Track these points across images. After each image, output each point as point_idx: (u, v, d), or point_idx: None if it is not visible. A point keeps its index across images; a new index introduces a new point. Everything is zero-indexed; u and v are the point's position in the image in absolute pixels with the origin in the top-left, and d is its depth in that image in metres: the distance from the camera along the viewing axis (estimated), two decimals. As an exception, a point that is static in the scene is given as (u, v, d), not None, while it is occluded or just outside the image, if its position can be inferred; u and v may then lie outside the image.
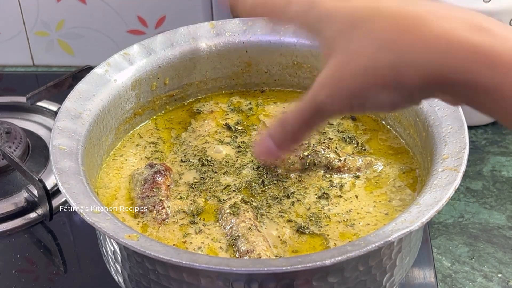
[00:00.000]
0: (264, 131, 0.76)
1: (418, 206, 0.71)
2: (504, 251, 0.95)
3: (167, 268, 0.71)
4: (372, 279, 0.73)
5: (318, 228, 0.79)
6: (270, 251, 0.76)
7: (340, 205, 0.82)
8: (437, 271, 0.92)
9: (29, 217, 1.00)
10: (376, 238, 0.67)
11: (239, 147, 0.91)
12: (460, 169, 0.74)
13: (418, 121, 0.85)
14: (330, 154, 0.86)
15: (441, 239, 0.97)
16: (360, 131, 0.93)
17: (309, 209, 0.81)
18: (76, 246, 0.98)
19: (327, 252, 0.67)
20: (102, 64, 0.91)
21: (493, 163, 1.09)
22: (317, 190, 0.84)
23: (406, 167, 0.87)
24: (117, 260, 0.77)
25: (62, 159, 0.78)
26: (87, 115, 0.85)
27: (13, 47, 1.33)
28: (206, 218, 0.81)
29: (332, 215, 0.81)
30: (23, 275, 0.93)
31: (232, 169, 0.88)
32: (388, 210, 0.81)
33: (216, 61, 0.98)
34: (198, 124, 0.95)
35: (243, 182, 0.86)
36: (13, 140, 1.07)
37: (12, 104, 1.20)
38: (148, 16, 1.28)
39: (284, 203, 0.83)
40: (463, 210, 1.01)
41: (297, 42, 0.96)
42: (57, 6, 1.28)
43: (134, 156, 0.91)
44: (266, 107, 0.98)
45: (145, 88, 0.94)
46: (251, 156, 0.89)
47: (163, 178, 0.84)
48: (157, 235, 0.79)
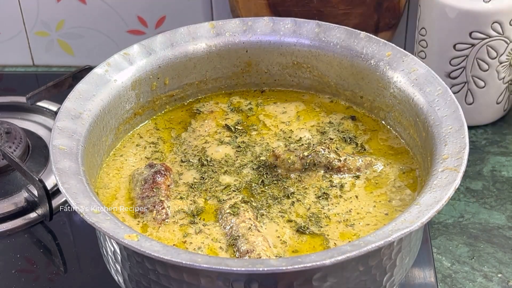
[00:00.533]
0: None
1: (418, 206, 0.71)
2: (504, 251, 0.95)
3: (167, 268, 0.71)
4: (372, 279, 0.73)
5: (318, 228, 0.79)
6: (270, 251, 0.76)
7: (340, 205, 0.82)
8: (437, 271, 0.92)
9: (29, 217, 1.00)
10: (376, 238, 0.67)
11: (239, 147, 0.91)
12: (460, 169, 0.74)
13: (418, 121, 0.85)
14: (330, 154, 0.86)
15: (441, 239, 0.97)
16: (360, 131, 0.93)
17: (309, 209, 0.82)
18: (76, 246, 0.98)
19: (327, 252, 0.67)
20: (102, 64, 0.91)
21: (493, 163, 1.09)
22: (317, 190, 0.84)
23: (406, 167, 0.87)
24: (117, 260, 0.77)
25: (62, 159, 0.78)
26: (87, 115, 0.85)
27: (13, 47, 1.33)
28: (206, 218, 0.81)
29: (332, 215, 0.81)
30: (23, 275, 0.93)
31: (232, 168, 0.88)
32: (388, 210, 0.81)
33: (216, 61, 0.98)
34: (198, 124, 0.95)
35: (243, 182, 0.86)
36: (13, 140, 1.07)
37: (12, 104, 1.20)
38: (148, 16, 1.28)
39: (284, 203, 0.83)
40: (463, 210, 1.01)
41: (297, 42, 0.96)
42: (57, 6, 1.28)
43: (134, 156, 0.91)
44: (266, 107, 0.98)
45: (145, 88, 0.94)
46: (251, 156, 0.89)
47: (163, 178, 0.84)
48: (157, 235, 0.79)
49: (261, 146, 0.91)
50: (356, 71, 0.94)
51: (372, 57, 0.92)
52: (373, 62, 0.92)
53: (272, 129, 0.94)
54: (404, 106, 0.88)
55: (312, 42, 0.96)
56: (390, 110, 0.92)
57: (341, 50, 0.94)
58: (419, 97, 0.85)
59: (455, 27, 1.05)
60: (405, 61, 0.89)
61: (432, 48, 1.10)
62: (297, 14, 1.17)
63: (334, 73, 0.96)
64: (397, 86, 0.89)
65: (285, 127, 0.94)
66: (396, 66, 0.90)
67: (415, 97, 0.86)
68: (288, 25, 0.97)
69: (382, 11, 1.17)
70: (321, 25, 0.96)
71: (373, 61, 0.92)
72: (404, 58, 0.90)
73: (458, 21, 1.04)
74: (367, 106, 0.95)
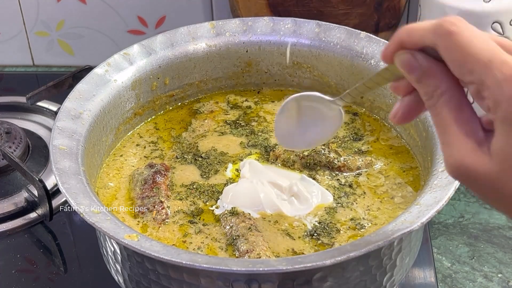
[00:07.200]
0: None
1: (418, 206, 0.71)
2: (504, 251, 0.95)
3: (167, 268, 0.71)
4: (372, 279, 0.73)
5: (329, 239, 0.79)
6: (270, 251, 0.76)
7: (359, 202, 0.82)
8: (437, 271, 0.92)
9: (29, 217, 1.00)
10: (376, 238, 0.67)
11: (241, 143, 0.91)
12: (460, 169, 0.74)
13: (418, 121, 0.85)
14: (331, 153, 0.86)
15: (441, 239, 0.97)
16: (362, 131, 0.93)
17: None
18: (76, 246, 0.98)
19: (327, 252, 0.67)
20: (102, 64, 0.91)
21: (493, 163, 1.08)
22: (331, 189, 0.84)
23: (407, 166, 0.87)
24: (117, 260, 0.77)
25: (62, 159, 0.78)
26: (87, 115, 0.85)
27: (13, 47, 1.33)
28: (206, 218, 0.81)
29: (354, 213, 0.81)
30: (23, 275, 0.93)
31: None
32: (392, 207, 0.81)
33: (216, 61, 0.98)
34: (198, 124, 0.95)
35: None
36: (13, 140, 1.07)
37: (12, 104, 1.20)
38: (148, 16, 1.28)
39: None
40: (463, 210, 1.01)
41: (297, 42, 0.96)
42: (57, 6, 1.28)
43: (134, 156, 0.91)
44: (265, 105, 0.98)
45: (145, 88, 0.94)
46: (256, 153, 0.89)
47: (163, 178, 0.84)
48: (157, 235, 0.79)
49: (267, 134, 0.92)
50: (356, 71, 0.93)
51: (372, 57, 0.92)
52: (373, 62, 0.92)
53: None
54: (404, 106, 0.88)
55: (312, 42, 0.96)
56: (390, 110, 0.91)
57: (341, 50, 0.94)
58: (419, 97, 0.85)
59: (455, 27, 1.05)
60: (405, 61, 0.89)
61: (432, 48, 1.09)
62: (297, 14, 1.16)
63: (334, 73, 0.96)
64: (397, 86, 0.89)
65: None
66: (396, 66, 0.89)
67: (415, 97, 0.86)
68: (288, 25, 0.97)
69: (382, 11, 1.17)
70: (321, 25, 0.96)
71: (373, 61, 0.92)
72: (404, 58, 0.90)
73: (458, 21, 1.04)
74: (367, 106, 0.95)
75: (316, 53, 0.96)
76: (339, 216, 0.80)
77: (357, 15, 1.17)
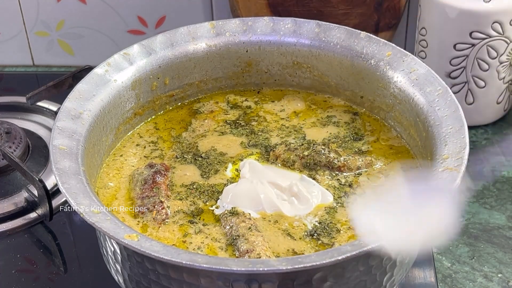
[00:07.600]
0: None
1: (418, 206, 0.71)
2: (504, 251, 0.95)
3: (167, 268, 0.71)
4: (372, 279, 0.73)
5: (329, 239, 0.79)
6: (270, 251, 0.76)
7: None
8: (437, 271, 0.92)
9: (29, 217, 1.00)
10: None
11: (241, 143, 0.91)
12: (460, 169, 0.74)
13: (418, 121, 0.85)
14: (331, 153, 0.86)
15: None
16: (362, 131, 0.93)
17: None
18: (76, 246, 0.98)
19: (327, 252, 0.67)
20: (102, 64, 0.91)
21: (493, 163, 1.08)
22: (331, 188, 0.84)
23: (407, 166, 0.87)
24: (117, 260, 0.77)
25: (62, 159, 0.78)
26: (87, 115, 0.85)
27: (13, 47, 1.33)
28: (206, 218, 0.81)
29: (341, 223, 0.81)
30: (23, 275, 0.93)
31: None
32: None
33: (216, 61, 0.98)
34: (198, 124, 0.95)
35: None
36: (13, 140, 1.07)
37: (12, 104, 1.20)
38: (148, 16, 1.28)
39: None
40: (463, 210, 1.01)
41: (297, 42, 0.96)
42: (57, 6, 1.28)
43: (134, 156, 0.91)
44: (265, 105, 0.98)
45: (145, 88, 0.94)
46: (256, 152, 0.89)
47: (163, 178, 0.84)
48: (157, 235, 0.79)
49: (267, 134, 0.92)
50: (356, 71, 0.93)
51: (372, 57, 0.92)
52: (373, 62, 0.92)
53: (278, 122, 0.94)
54: (404, 106, 0.88)
55: (312, 42, 0.96)
56: (390, 110, 0.91)
57: (341, 50, 0.94)
58: (419, 97, 0.85)
59: (455, 27, 1.05)
60: (405, 61, 0.89)
61: (432, 48, 1.09)
62: (297, 14, 1.16)
63: (334, 73, 0.96)
64: (397, 86, 0.89)
65: (286, 122, 0.94)
66: (396, 66, 0.90)
67: (415, 97, 0.86)
68: (288, 25, 0.97)
69: (382, 11, 1.17)
70: (321, 25, 0.96)
71: (373, 61, 0.92)
72: (404, 58, 0.90)
73: (458, 21, 1.04)
74: (367, 106, 0.95)
75: (316, 53, 0.96)
76: (339, 216, 0.80)
77: (357, 15, 1.17)
